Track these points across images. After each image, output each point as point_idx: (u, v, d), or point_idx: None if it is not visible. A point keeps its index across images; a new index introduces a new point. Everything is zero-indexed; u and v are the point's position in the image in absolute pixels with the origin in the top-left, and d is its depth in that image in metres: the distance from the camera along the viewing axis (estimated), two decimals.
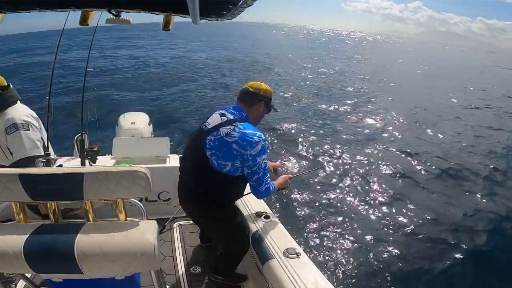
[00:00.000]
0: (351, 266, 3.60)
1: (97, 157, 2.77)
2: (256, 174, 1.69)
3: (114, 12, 1.82)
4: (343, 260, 3.68)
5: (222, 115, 1.75)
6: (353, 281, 3.37)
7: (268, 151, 1.73)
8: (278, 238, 1.95)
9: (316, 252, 3.78)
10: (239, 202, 2.22)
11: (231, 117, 1.73)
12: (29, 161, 1.89)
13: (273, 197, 5.01)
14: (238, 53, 25.57)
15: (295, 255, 1.76)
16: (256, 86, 1.83)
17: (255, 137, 1.63)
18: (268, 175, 1.77)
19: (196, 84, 13.42)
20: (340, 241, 4.09)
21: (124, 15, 1.88)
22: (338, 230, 4.35)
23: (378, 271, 3.55)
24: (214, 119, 1.74)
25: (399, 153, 7.53)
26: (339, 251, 3.85)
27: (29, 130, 1.87)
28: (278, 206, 4.83)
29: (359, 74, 18.85)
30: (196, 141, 1.75)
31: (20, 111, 1.92)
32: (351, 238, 4.17)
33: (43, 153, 1.94)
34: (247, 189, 1.90)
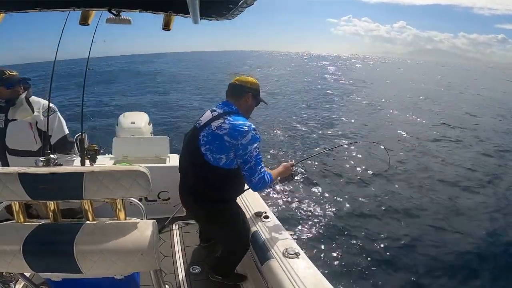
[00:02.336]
0: (351, 266, 3.59)
1: (97, 156, 2.77)
2: (248, 163, 1.67)
3: (114, 12, 1.82)
4: (343, 260, 3.68)
5: (213, 111, 1.79)
6: (353, 281, 3.36)
7: (260, 140, 1.73)
8: (278, 238, 1.95)
9: (315, 252, 3.77)
10: (238, 202, 2.22)
11: (221, 111, 1.76)
12: (67, 138, 2.30)
13: (273, 196, 5.03)
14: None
15: (294, 255, 1.76)
16: (242, 79, 1.87)
17: (245, 127, 1.66)
18: (262, 165, 1.74)
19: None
20: (340, 241, 4.09)
21: (125, 15, 1.88)
22: (337, 230, 4.34)
23: (378, 271, 3.55)
24: (206, 116, 1.79)
25: (403, 153, 7.54)
26: (338, 251, 3.85)
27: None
28: (277, 206, 4.84)
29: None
30: (191, 139, 1.79)
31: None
32: (351, 238, 4.17)
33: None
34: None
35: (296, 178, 2.10)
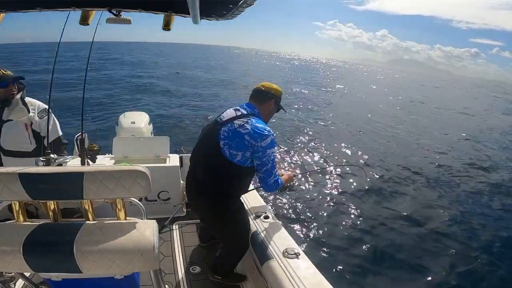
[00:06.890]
0: (351, 266, 3.59)
1: (97, 156, 2.77)
2: (265, 166, 1.77)
3: (114, 12, 1.82)
4: (343, 260, 3.67)
5: (236, 110, 1.87)
6: (353, 281, 3.36)
7: (276, 145, 1.82)
8: (278, 238, 1.95)
9: (315, 252, 3.77)
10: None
11: (245, 112, 1.85)
12: (61, 139, 2.33)
13: (272, 197, 5.03)
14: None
15: (294, 255, 1.76)
16: (268, 85, 1.97)
17: (265, 131, 1.75)
18: (277, 168, 1.84)
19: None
20: (340, 241, 4.09)
21: (125, 14, 1.88)
22: (337, 231, 4.34)
23: (378, 271, 3.55)
24: (229, 113, 1.86)
25: (397, 151, 7.54)
26: (338, 251, 3.85)
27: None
28: (277, 206, 4.83)
29: None
30: (210, 131, 1.86)
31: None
32: (351, 238, 4.17)
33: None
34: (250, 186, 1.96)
35: (295, 186, 2.22)
